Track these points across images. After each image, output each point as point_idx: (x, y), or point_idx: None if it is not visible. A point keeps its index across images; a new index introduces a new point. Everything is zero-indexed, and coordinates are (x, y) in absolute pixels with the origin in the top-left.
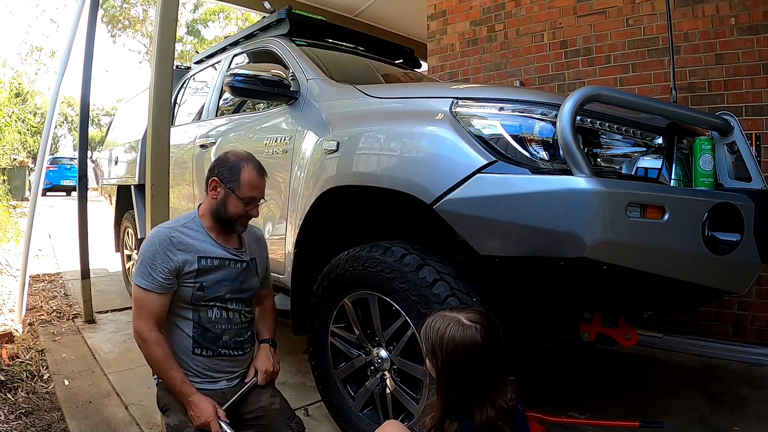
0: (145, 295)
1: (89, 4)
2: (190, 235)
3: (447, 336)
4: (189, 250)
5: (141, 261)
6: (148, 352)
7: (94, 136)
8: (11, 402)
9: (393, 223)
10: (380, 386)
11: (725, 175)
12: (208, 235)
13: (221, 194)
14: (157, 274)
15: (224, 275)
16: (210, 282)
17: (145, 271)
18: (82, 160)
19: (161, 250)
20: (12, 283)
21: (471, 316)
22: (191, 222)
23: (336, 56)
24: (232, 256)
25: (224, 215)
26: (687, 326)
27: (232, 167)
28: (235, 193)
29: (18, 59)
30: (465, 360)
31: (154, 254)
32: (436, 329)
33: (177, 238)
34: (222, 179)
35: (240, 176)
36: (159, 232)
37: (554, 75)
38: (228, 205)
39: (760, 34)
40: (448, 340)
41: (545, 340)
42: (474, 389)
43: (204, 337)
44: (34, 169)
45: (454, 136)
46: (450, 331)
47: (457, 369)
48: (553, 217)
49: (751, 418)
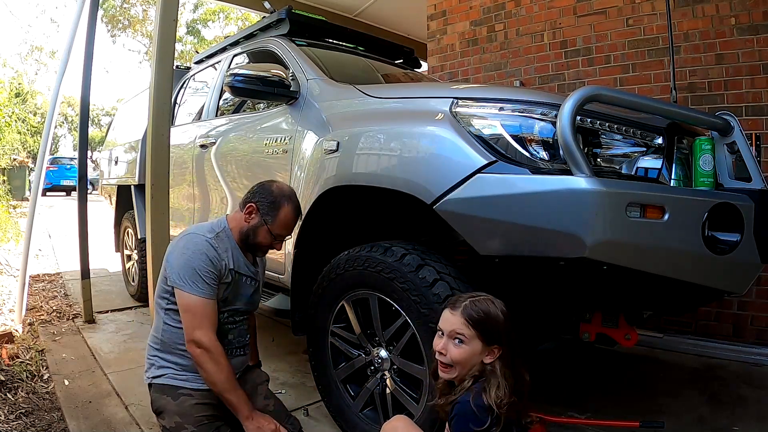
0: (203, 303)
1: (89, 4)
2: (224, 247)
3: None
4: (225, 259)
5: (192, 269)
6: (215, 364)
7: (94, 136)
8: (11, 402)
9: (393, 223)
10: (380, 386)
11: (725, 175)
12: (238, 249)
13: (255, 222)
14: (210, 281)
15: (243, 291)
16: (233, 294)
17: (198, 278)
18: (82, 160)
19: (209, 258)
20: (12, 283)
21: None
22: (223, 233)
23: (336, 56)
24: (250, 273)
25: (251, 241)
26: (687, 326)
27: (273, 202)
28: (268, 226)
29: (18, 59)
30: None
31: (206, 262)
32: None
33: (218, 248)
34: (260, 209)
35: (278, 214)
36: (199, 239)
37: (554, 75)
38: (258, 235)
39: (760, 34)
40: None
41: (545, 340)
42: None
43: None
44: (34, 169)
45: (454, 136)
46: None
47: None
48: (553, 217)
49: (751, 418)
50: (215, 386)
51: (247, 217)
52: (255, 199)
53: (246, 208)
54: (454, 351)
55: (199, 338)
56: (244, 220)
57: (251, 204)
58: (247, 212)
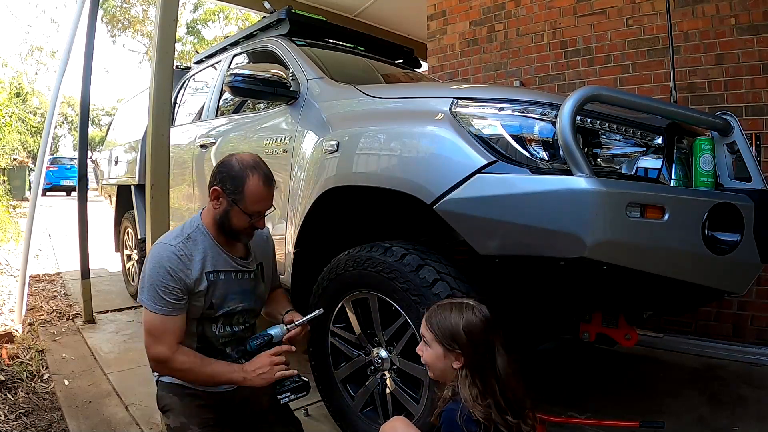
0: (163, 320)
1: (89, 4)
2: (198, 248)
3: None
4: (198, 266)
5: (151, 284)
6: (178, 367)
7: (94, 136)
8: (11, 402)
9: (393, 223)
10: (380, 386)
11: (725, 175)
12: (216, 245)
13: (224, 206)
14: (171, 297)
15: (232, 288)
16: (219, 297)
17: (158, 296)
18: (82, 160)
19: (172, 272)
20: (12, 283)
21: (467, 300)
22: (195, 231)
23: (336, 56)
24: (239, 267)
25: (228, 228)
26: (687, 326)
27: (235, 178)
28: (238, 206)
29: (18, 59)
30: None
31: (166, 278)
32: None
33: (185, 255)
34: (225, 190)
35: (245, 189)
36: (164, 250)
37: (554, 75)
38: (232, 219)
39: (760, 34)
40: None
41: (545, 340)
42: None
43: (207, 349)
44: (34, 169)
45: (454, 136)
46: (465, 316)
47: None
48: (553, 217)
49: (751, 418)
50: (198, 384)
51: (215, 203)
52: (217, 181)
53: (211, 194)
54: (423, 353)
55: (155, 355)
56: (213, 207)
57: (215, 188)
58: (214, 198)
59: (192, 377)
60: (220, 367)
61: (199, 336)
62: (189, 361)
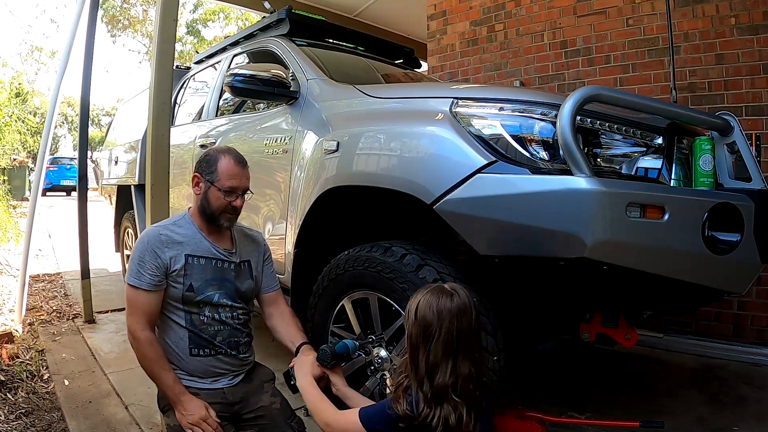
0: (135, 293)
1: (89, 4)
2: (180, 233)
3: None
4: (177, 247)
5: (131, 260)
6: (140, 351)
7: (94, 136)
8: (11, 402)
9: (393, 223)
10: (380, 386)
11: (725, 175)
12: (199, 233)
13: (203, 188)
14: (145, 271)
15: (212, 275)
16: (198, 281)
17: (134, 269)
18: (82, 160)
19: (150, 248)
20: (12, 283)
21: (450, 285)
22: (182, 220)
23: (336, 56)
24: (220, 255)
25: (208, 210)
26: (687, 326)
27: (209, 160)
28: (214, 185)
29: (18, 59)
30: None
31: (143, 252)
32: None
33: (167, 236)
34: (202, 173)
35: (217, 167)
36: (149, 231)
37: (554, 75)
38: (210, 199)
39: (760, 34)
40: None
41: (545, 340)
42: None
43: (199, 339)
44: (34, 169)
45: (454, 136)
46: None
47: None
48: (553, 217)
49: (751, 418)
50: (146, 370)
51: (196, 189)
52: (196, 168)
53: (192, 181)
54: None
55: (129, 325)
56: (195, 194)
57: (194, 175)
58: (195, 185)
59: (147, 366)
60: (168, 380)
61: (187, 328)
62: (153, 350)
